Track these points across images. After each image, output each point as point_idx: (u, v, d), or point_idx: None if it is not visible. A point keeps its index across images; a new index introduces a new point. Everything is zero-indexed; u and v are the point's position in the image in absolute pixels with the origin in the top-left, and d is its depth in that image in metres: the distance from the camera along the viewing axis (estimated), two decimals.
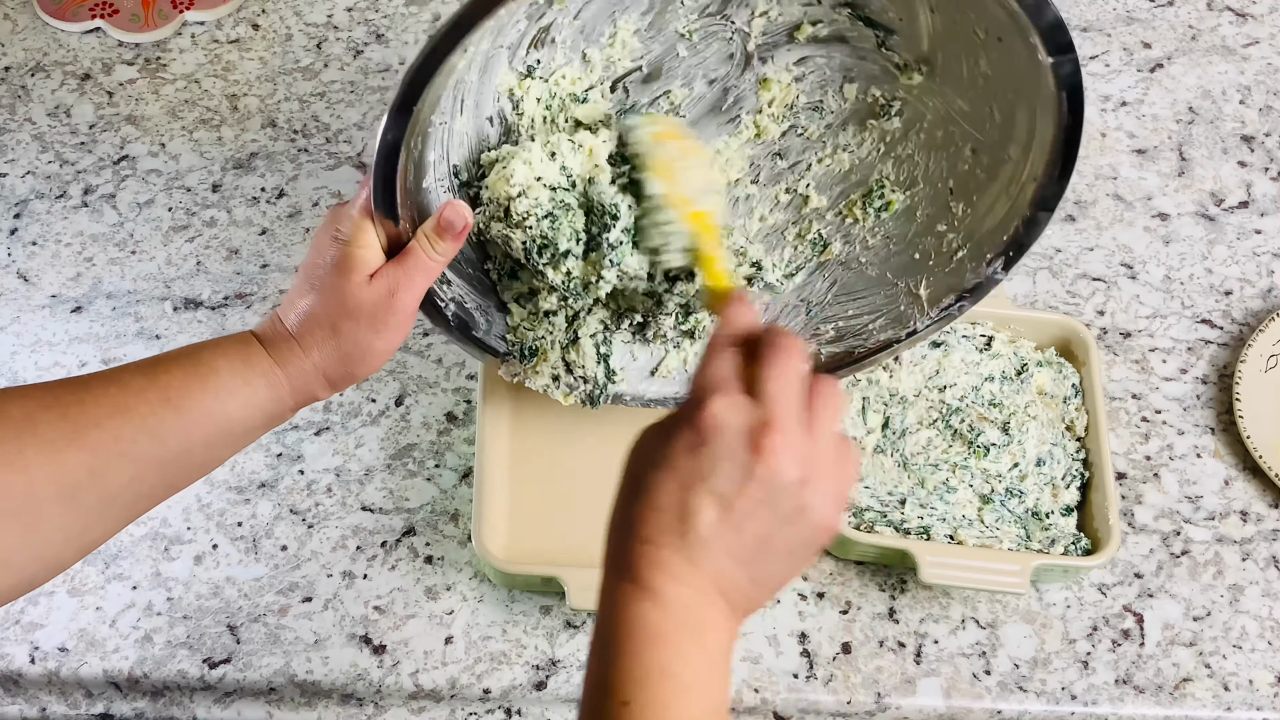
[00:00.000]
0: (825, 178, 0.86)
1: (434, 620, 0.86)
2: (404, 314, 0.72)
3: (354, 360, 0.72)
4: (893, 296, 0.84)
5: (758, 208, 0.86)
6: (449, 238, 0.72)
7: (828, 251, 0.86)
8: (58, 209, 1.02)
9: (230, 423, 0.69)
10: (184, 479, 0.70)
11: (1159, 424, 0.95)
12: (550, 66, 0.77)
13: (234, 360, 0.70)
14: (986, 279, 0.82)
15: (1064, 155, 0.76)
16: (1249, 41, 1.14)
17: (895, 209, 0.84)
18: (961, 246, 0.82)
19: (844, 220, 0.86)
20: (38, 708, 0.85)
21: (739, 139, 0.85)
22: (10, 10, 1.12)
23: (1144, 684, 0.86)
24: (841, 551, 0.88)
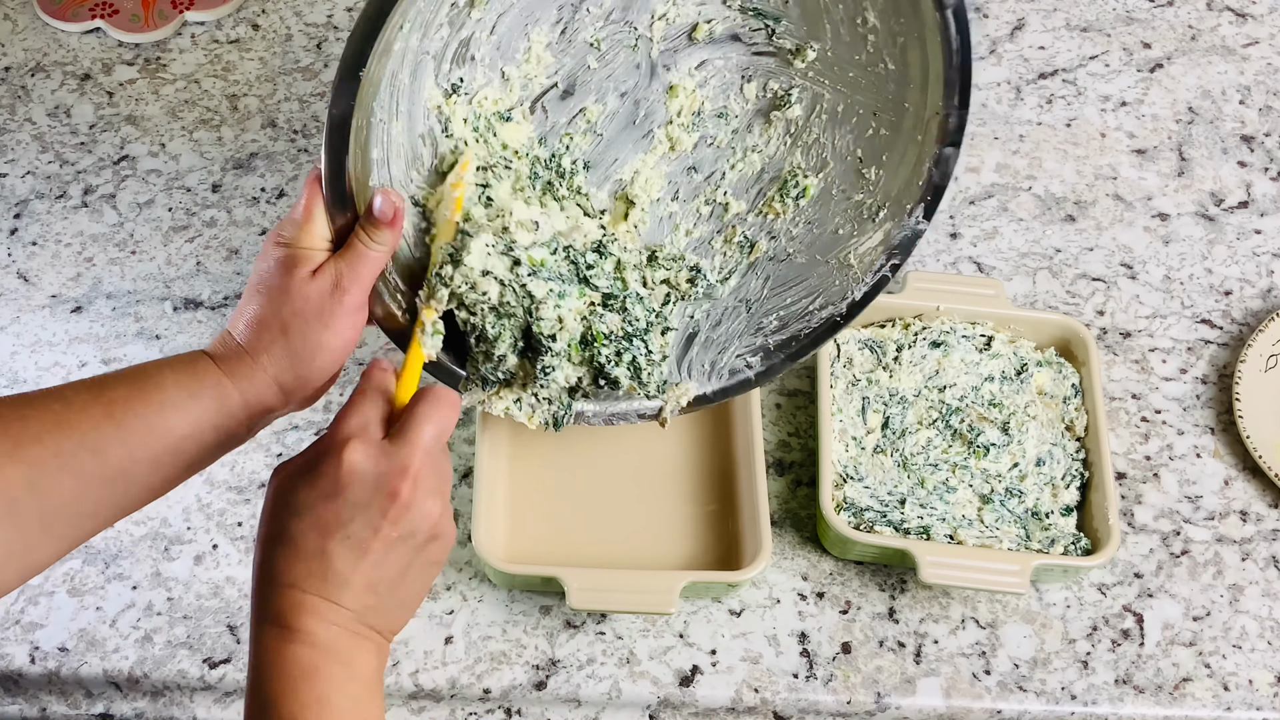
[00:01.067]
0: (740, 182, 0.88)
1: (434, 620, 0.86)
2: (352, 307, 0.71)
3: (305, 360, 0.71)
4: (826, 275, 0.86)
5: (682, 223, 0.88)
6: (384, 227, 0.72)
7: (756, 250, 0.88)
8: (58, 209, 1.02)
9: (176, 439, 0.68)
10: (132, 498, 0.69)
11: (1159, 424, 0.95)
12: (473, 86, 0.79)
13: (180, 375, 0.69)
14: (912, 231, 0.84)
15: (960, 80, 0.79)
16: (1249, 41, 1.14)
17: (812, 194, 0.87)
18: (881, 207, 0.85)
19: (766, 217, 0.88)
20: (38, 708, 0.85)
21: (654, 155, 0.87)
22: (10, 10, 1.12)
23: (1144, 684, 0.86)
24: (841, 551, 0.88)
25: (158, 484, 0.69)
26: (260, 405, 0.71)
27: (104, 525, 0.68)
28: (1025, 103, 1.10)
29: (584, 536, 0.88)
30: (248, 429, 0.72)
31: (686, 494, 0.90)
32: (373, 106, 0.72)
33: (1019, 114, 1.09)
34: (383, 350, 0.97)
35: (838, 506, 0.87)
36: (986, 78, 1.11)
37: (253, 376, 0.70)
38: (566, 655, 0.85)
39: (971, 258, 1.02)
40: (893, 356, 0.93)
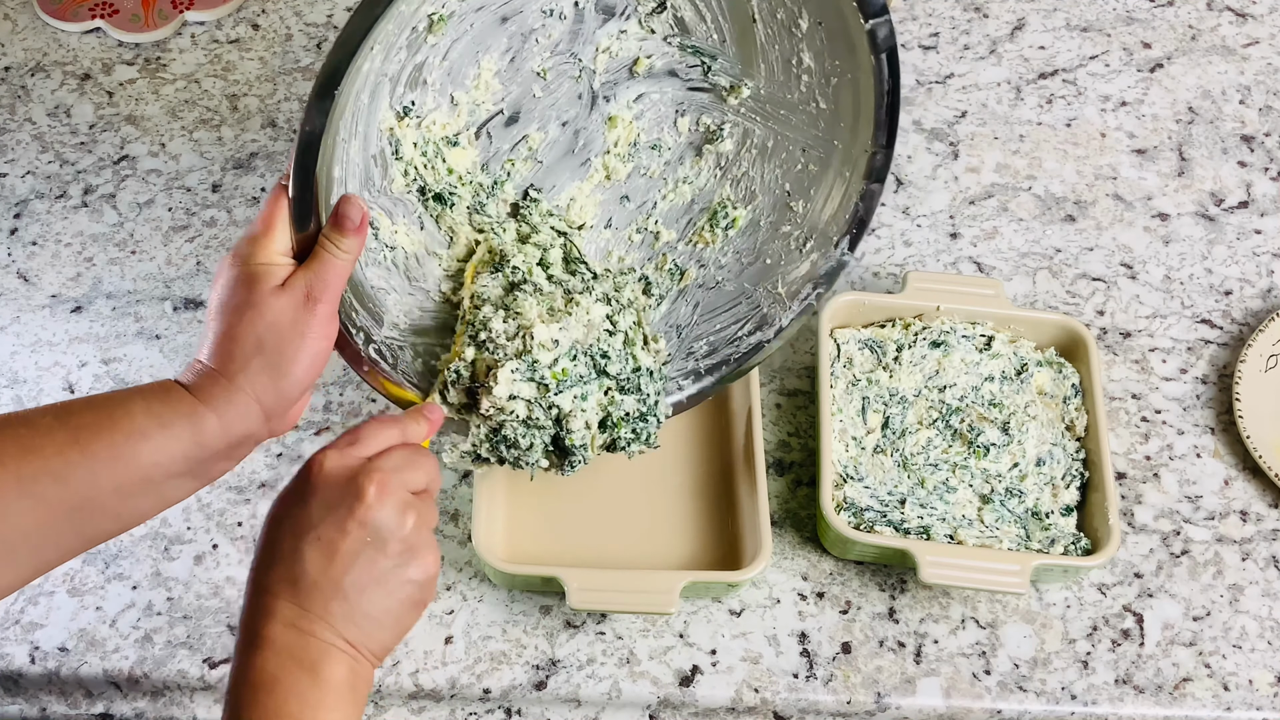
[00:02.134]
0: (671, 212, 0.90)
1: (434, 620, 0.86)
2: (324, 317, 0.71)
3: (284, 375, 0.70)
4: (754, 303, 0.89)
5: (614, 250, 0.90)
6: (350, 233, 0.72)
7: (685, 278, 0.90)
8: (58, 209, 1.02)
9: (144, 467, 0.67)
10: (99, 528, 0.67)
11: (1159, 424, 0.95)
12: (424, 109, 0.81)
13: (151, 402, 0.68)
14: (838, 262, 0.87)
15: (889, 121, 0.82)
16: (1249, 41, 1.14)
17: (740, 225, 0.89)
18: (808, 239, 0.87)
19: (695, 246, 0.90)
20: (38, 708, 0.85)
21: (590, 183, 0.89)
22: (10, 10, 1.12)
23: (1144, 684, 0.86)
24: (841, 551, 0.88)
25: (126, 514, 0.68)
26: (242, 429, 0.70)
27: (69, 555, 0.67)
28: (1025, 103, 1.10)
29: (584, 536, 0.88)
30: (228, 457, 0.71)
31: (686, 494, 0.90)
32: (339, 125, 0.74)
33: (1019, 114, 1.09)
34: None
35: (838, 506, 0.87)
36: (986, 78, 1.11)
37: (231, 399, 0.69)
38: (566, 655, 0.85)
39: (971, 258, 1.02)
40: (893, 356, 0.93)
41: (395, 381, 0.82)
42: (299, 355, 0.70)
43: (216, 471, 0.71)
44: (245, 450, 0.72)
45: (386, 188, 0.81)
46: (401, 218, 0.82)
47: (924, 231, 1.03)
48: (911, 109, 1.09)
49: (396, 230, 0.82)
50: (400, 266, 0.83)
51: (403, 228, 0.82)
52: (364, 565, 0.65)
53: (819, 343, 0.91)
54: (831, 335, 0.93)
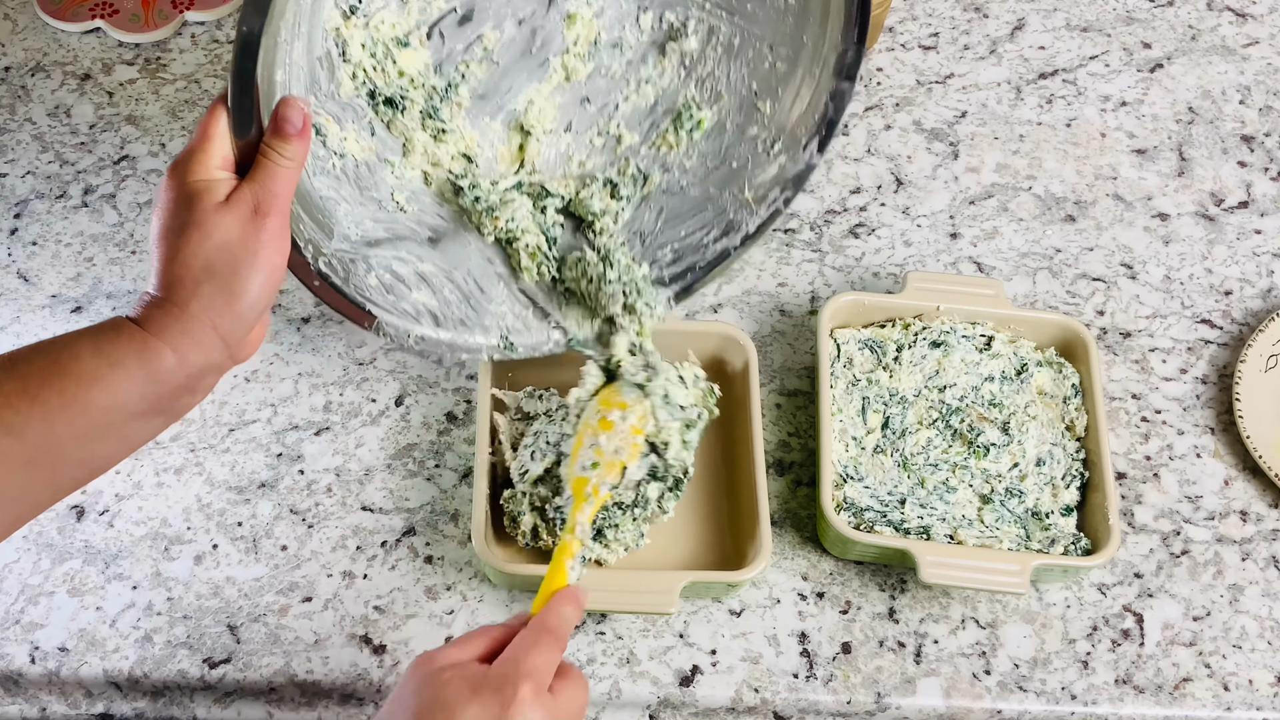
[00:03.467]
0: (633, 115, 0.88)
1: (434, 620, 0.86)
2: (274, 231, 0.67)
3: (238, 294, 0.66)
4: (720, 208, 0.87)
5: (575, 155, 0.88)
6: (292, 138, 0.69)
7: (649, 183, 0.88)
8: (58, 209, 1.02)
9: (101, 411, 0.63)
10: (65, 477, 0.64)
11: (1159, 424, 0.95)
12: (371, 8, 0.77)
13: (100, 342, 0.64)
14: (806, 165, 0.85)
15: (859, 15, 0.79)
16: (1249, 41, 1.14)
17: (705, 127, 0.87)
18: (776, 140, 0.85)
19: (659, 150, 0.88)
20: (38, 708, 0.85)
21: (549, 85, 0.86)
22: (10, 10, 1.12)
23: (1144, 684, 0.86)
24: (841, 551, 0.88)
25: (92, 460, 0.65)
26: (201, 360, 0.66)
27: (41, 507, 0.65)
28: (1025, 103, 1.10)
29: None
30: (190, 391, 0.67)
31: (686, 494, 0.90)
32: (279, 25, 0.70)
33: (1019, 114, 1.09)
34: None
35: (838, 506, 0.87)
36: (986, 78, 1.11)
37: (186, 330, 0.65)
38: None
39: (971, 258, 1.02)
40: (893, 356, 0.93)
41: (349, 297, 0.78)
42: (252, 275, 0.66)
43: (181, 407, 0.67)
44: (210, 381, 0.68)
45: (334, 92, 0.77)
46: (350, 123, 0.79)
47: (924, 231, 1.03)
48: (912, 109, 1.09)
49: (346, 137, 0.78)
50: (350, 175, 0.79)
51: (352, 134, 0.79)
52: None
53: (819, 343, 0.91)
54: (831, 335, 0.93)
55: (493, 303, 0.85)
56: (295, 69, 0.74)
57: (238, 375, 0.94)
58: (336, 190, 0.79)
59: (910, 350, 0.92)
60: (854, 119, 1.08)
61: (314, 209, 0.76)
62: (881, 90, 1.10)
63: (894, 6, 1.14)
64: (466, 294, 0.85)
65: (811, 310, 0.99)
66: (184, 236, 0.66)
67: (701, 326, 0.92)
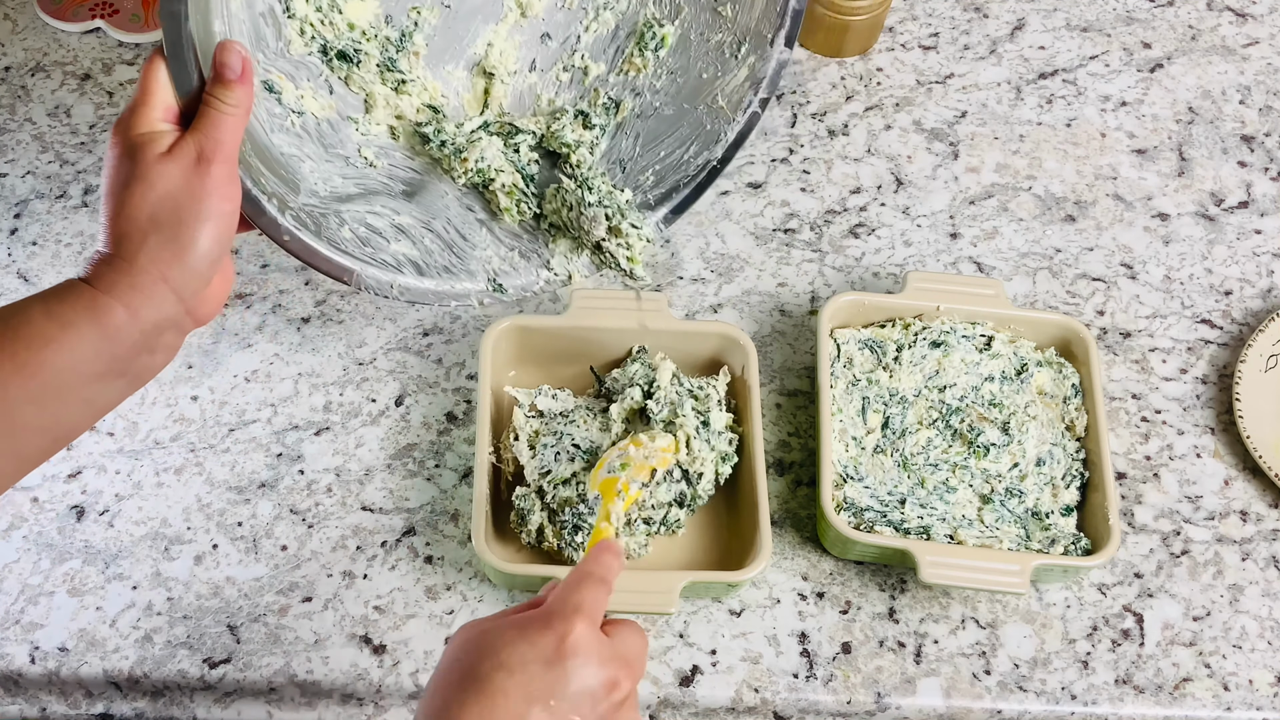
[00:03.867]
0: (596, 44, 0.88)
1: (434, 620, 0.86)
2: (221, 178, 0.66)
3: (187, 247, 0.65)
4: (696, 122, 0.86)
5: (543, 93, 0.88)
6: (235, 85, 0.67)
7: (622, 110, 0.88)
8: (58, 209, 1.02)
9: (56, 373, 0.62)
10: (29, 446, 0.63)
11: (1159, 424, 0.95)
12: None
13: (50, 303, 0.63)
14: (777, 62, 0.85)
15: None
16: (1249, 41, 1.14)
17: (670, 42, 0.87)
18: (742, 42, 0.85)
19: (627, 75, 0.88)
20: (38, 708, 0.85)
21: (506, 24, 0.85)
22: (10, 10, 1.12)
23: (1144, 684, 0.86)
24: (841, 551, 0.88)
25: (54, 427, 0.64)
26: (155, 315, 0.65)
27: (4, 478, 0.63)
28: (1025, 103, 1.10)
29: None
30: (149, 349, 0.65)
31: None
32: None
33: (1019, 114, 1.09)
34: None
35: (838, 506, 0.87)
36: (986, 78, 1.11)
37: (135, 284, 0.64)
38: None
39: (971, 258, 1.02)
40: (893, 356, 0.92)
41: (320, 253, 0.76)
42: (200, 224, 0.65)
43: (142, 368, 0.66)
44: (170, 340, 0.67)
45: (283, 49, 0.76)
46: (306, 81, 0.78)
47: (924, 231, 1.03)
48: (912, 109, 1.09)
49: (303, 95, 0.77)
50: (313, 133, 0.78)
51: (309, 92, 0.78)
52: None
53: (819, 343, 0.91)
54: (831, 335, 0.93)
55: (477, 248, 0.85)
56: (235, 20, 0.72)
57: (238, 375, 0.94)
58: (299, 148, 0.78)
59: (910, 350, 0.92)
60: (854, 119, 1.08)
61: (275, 165, 0.75)
62: (881, 90, 1.10)
63: (894, 6, 1.14)
64: (449, 242, 0.83)
65: (811, 310, 0.99)
66: (128, 190, 0.65)
67: (701, 326, 0.92)
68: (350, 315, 0.97)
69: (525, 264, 0.86)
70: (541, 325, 0.90)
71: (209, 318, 0.70)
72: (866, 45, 1.11)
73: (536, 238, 0.87)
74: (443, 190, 0.85)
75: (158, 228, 0.64)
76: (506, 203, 0.86)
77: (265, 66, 0.76)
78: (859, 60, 1.11)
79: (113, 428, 0.92)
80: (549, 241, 0.86)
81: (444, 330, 0.96)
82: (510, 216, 0.86)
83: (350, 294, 0.98)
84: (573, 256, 0.86)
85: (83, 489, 0.90)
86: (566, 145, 0.87)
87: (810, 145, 1.06)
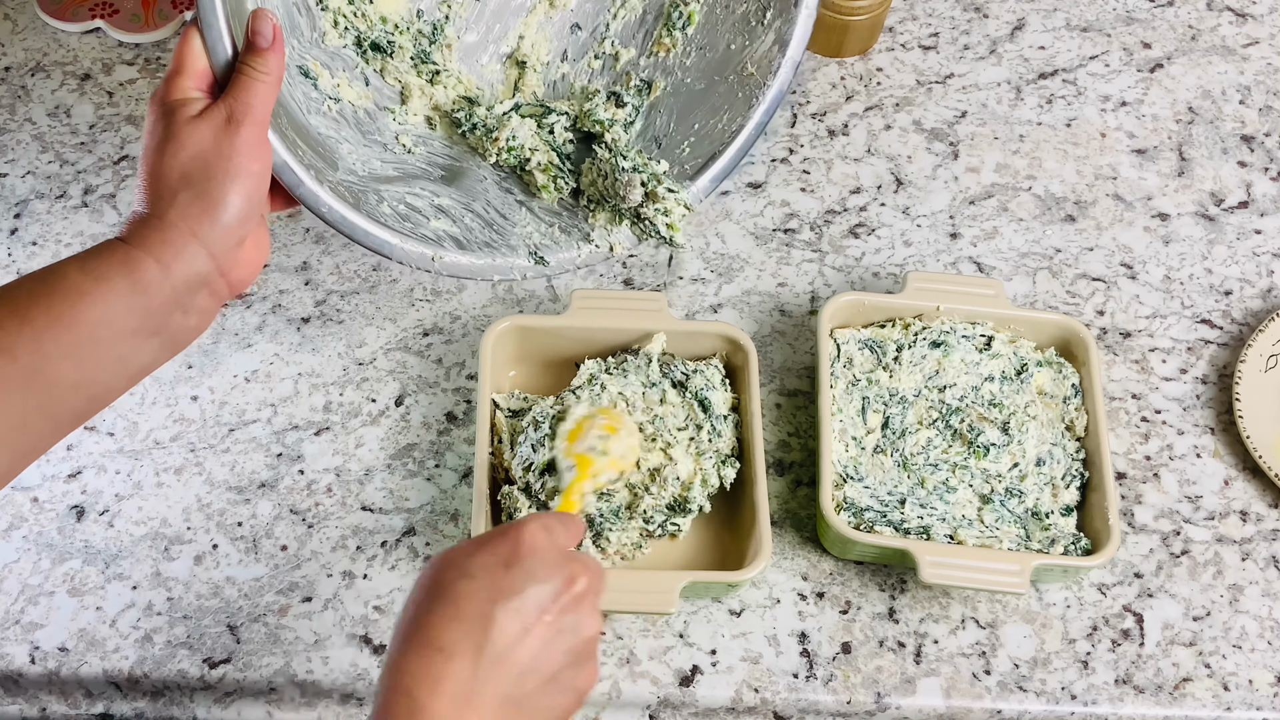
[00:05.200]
0: (625, 30, 0.89)
1: None
2: (250, 139, 0.68)
3: (217, 203, 0.67)
4: (728, 91, 0.87)
5: (576, 82, 0.89)
6: (266, 53, 0.69)
7: (654, 90, 0.89)
8: (58, 209, 1.02)
9: (89, 326, 0.64)
10: (64, 405, 0.64)
11: (1159, 424, 0.95)
12: None
13: (86, 260, 0.66)
14: (798, 12, 0.85)
15: None
16: (1249, 41, 1.14)
17: (697, 19, 0.88)
18: (767, 8, 0.86)
19: (657, 56, 0.89)
20: (38, 708, 0.85)
21: (536, 15, 0.86)
22: (10, 10, 1.12)
23: (1144, 684, 0.86)
24: (841, 551, 0.88)
25: (88, 385, 0.65)
26: (186, 271, 0.66)
27: (41, 441, 0.64)
28: (1025, 103, 1.10)
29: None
30: (182, 308, 0.67)
31: None
32: None
33: (1019, 114, 1.09)
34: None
35: (838, 506, 0.87)
36: (986, 78, 1.11)
37: (166, 239, 0.66)
38: None
39: (971, 258, 1.02)
40: (893, 356, 0.92)
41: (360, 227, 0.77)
42: (229, 182, 0.67)
43: (177, 328, 0.67)
44: (203, 302, 0.68)
45: (318, 40, 0.78)
46: (342, 71, 0.79)
47: (924, 231, 1.03)
48: (912, 109, 1.09)
49: (339, 84, 0.78)
50: (350, 119, 0.79)
51: (344, 81, 0.79)
52: (547, 654, 0.61)
53: (819, 343, 0.91)
54: (831, 335, 0.93)
55: (517, 226, 0.86)
56: (269, 5, 0.74)
57: (238, 375, 0.94)
58: (336, 131, 0.79)
59: (910, 350, 0.92)
60: (854, 119, 1.08)
61: (313, 142, 0.76)
62: (881, 90, 1.10)
63: (894, 6, 1.14)
64: (489, 221, 0.85)
65: (811, 310, 0.99)
66: (160, 151, 0.67)
67: (701, 326, 0.92)
68: (350, 315, 0.97)
69: (566, 238, 0.87)
70: (541, 325, 0.90)
71: (243, 284, 0.71)
72: (866, 45, 1.11)
73: (576, 214, 0.87)
74: (481, 175, 0.86)
75: (188, 184, 0.66)
76: (543, 180, 0.87)
77: (300, 53, 0.77)
78: (859, 60, 1.11)
79: (113, 428, 0.92)
80: (588, 216, 0.87)
81: (444, 330, 0.96)
82: (548, 194, 0.86)
83: (350, 294, 0.98)
84: (612, 228, 0.86)
85: (83, 489, 0.90)
86: (600, 123, 0.88)
87: (810, 145, 1.06)
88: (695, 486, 0.86)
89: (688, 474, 0.86)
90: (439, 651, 0.58)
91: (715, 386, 0.89)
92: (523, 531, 0.62)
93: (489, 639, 0.59)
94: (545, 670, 0.61)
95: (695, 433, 0.88)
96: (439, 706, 0.57)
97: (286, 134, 0.74)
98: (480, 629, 0.59)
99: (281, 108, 0.75)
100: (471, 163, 0.86)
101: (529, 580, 0.61)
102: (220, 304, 0.71)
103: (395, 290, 0.98)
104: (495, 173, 0.86)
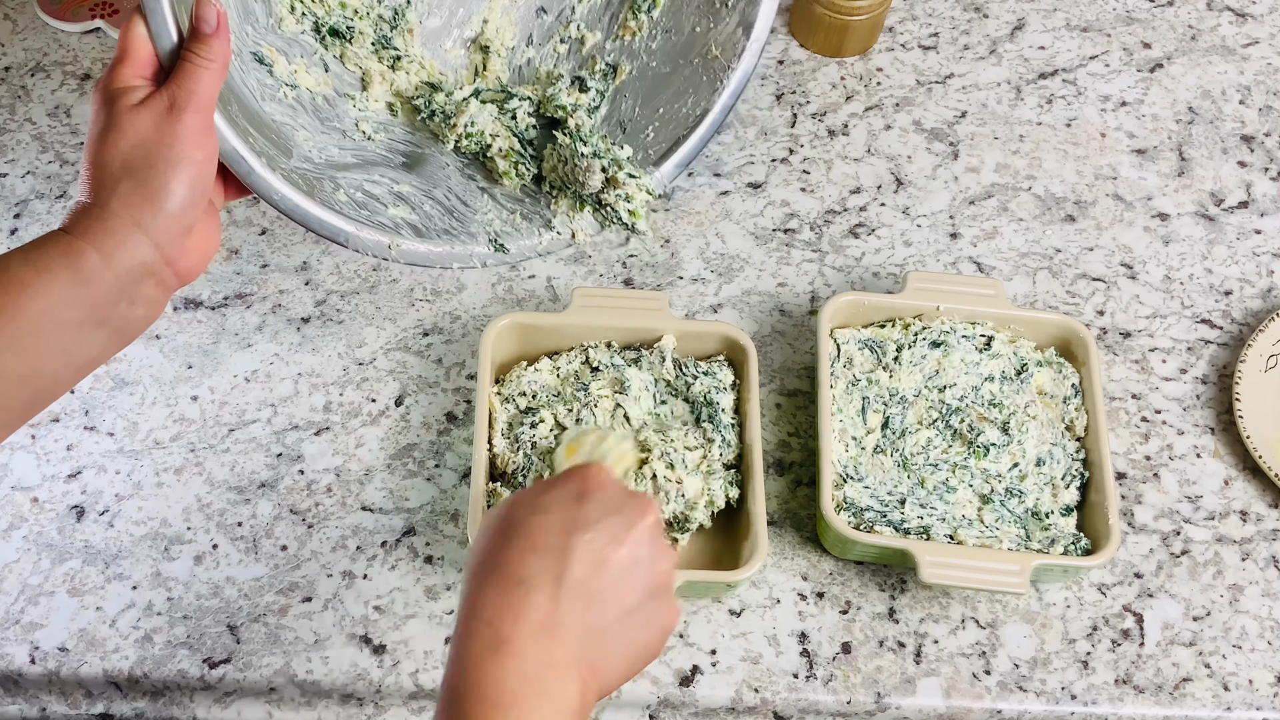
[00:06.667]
0: (590, 14, 0.89)
1: (434, 620, 0.86)
2: (193, 127, 0.67)
3: (159, 192, 0.66)
4: (693, 75, 0.87)
5: (541, 67, 0.88)
6: (211, 39, 0.69)
7: (619, 75, 0.89)
8: (58, 209, 1.02)
9: (31, 318, 0.63)
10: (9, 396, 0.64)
11: (1159, 424, 0.95)
12: None
13: (28, 251, 0.65)
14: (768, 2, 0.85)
15: None
16: (1249, 41, 1.14)
17: (662, 2, 0.88)
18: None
19: (622, 40, 0.89)
20: (38, 708, 0.85)
21: (500, 1, 0.86)
22: (10, 10, 1.12)
23: (1144, 684, 0.86)
24: (841, 551, 0.88)
25: (33, 376, 0.64)
26: (129, 261, 0.66)
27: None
28: (1025, 103, 1.10)
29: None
30: (127, 298, 0.67)
31: None
32: None
33: (1019, 114, 1.09)
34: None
35: (838, 506, 0.87)
36: (986, 78, 1.11)
37: (108, 228, 0.65)
38: None
39: (971, 258, 1.02)
40: (893, 356, 0.92)
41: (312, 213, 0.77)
42: (171, 170, 0.67)
43: (122, 319, 0.67)
44: (150, 292, 0.68)
45: (274, 26, 0.77)
46: (300, 58, 0.78)
47: (924, 231, 1.03)
48: (912, 109, 1.09)
49: (296, 70, 0.78)
50: (307, 106, 0.79)
51: (302, 67, 0.78)
52: (626, 584, 0.61)
53: (819, 343, 0.91)
54: (831, 335, 0.93)
55: (477, 213, 0.85)
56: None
57: (238, 375, 0.94)
58: (292, 118, 0.78)
59: (910, 350, 0.92)
60: (854, 119, 1.08)
61: (266, 129, 0.76)
62: (881, 90, 1.10)
63: (894, 6, 1.14)
64: (449, 208, 0.84)
65: (811, 310, 0.99)
66: (102, 140, 0.67)
67: (701, 326, 0.92)
68: (350, 315, 0.97)
69: (527, 225, 0.87)
70: (541, 323, 0.90)
71: (192, 274, 0.70)
72: (866, 45, 1.11)
73: (538, 200, 0.87)
74: (443, 162, 0.85)
75: (130, 173, 0.66)
76: (505, 166, 0.86)
77: (255, 39, 0.77)
78: (859, 60, 1.11)
79: (113, 428, 0.92)
80: (550, 202, 0.87)
81: (444, 330, 0.96)
82: (510, 180, 0.86)
83: (350, 294, 0.98)
84: (574, 215, 0.86)
85: (83, 489, 0.90)
86: (562, 108, 0.87)
87: (810, 145, 1.06)
88: (699, 507, 0.85)
89: (694, 493, 0.85)
90: (519, 584, 0.58)
91: (726, 389, 0.88)
92: (589, 469, 0.64)
93: (568, 569, 0.59)
94: (626, 601, 0.61)
95: (706, 448, 0.87)
96: (522, 636, 0.57)
97: (238, 121, 0.73)
98: (558, 560, 0.59)
99: (233, 94, 0.74)
100: (434, 149, 0.85)
101: (603, 512, 0.61)
102: (168, 294, 0.70)
103: (395, 290, 0.98)
104: (458, 159, 0.85)
